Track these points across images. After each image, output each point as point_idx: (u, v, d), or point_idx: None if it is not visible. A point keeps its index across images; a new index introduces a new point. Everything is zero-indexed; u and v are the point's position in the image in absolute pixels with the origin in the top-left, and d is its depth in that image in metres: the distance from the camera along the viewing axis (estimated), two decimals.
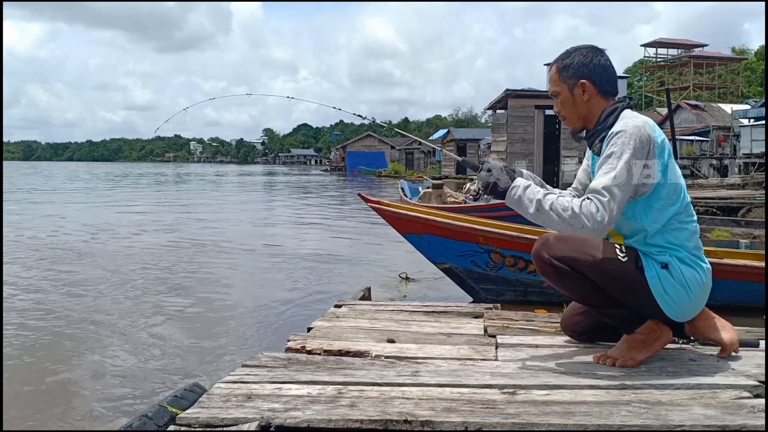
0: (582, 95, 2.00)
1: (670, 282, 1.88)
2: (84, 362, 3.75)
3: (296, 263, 7.47)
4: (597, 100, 2.00)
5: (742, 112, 29.13)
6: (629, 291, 1.91)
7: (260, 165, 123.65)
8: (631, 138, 1.84)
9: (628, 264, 1.90)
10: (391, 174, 45.24)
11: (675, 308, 1.91)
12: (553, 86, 2.06)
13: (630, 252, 1.93)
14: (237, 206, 17.87)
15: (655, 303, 1.90)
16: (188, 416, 1.55)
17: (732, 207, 11.42)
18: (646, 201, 1.90)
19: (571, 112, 2.04)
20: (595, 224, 1.79)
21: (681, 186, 1.96)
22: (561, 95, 2.04)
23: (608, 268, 1.89)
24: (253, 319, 4.83)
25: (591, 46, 2.05)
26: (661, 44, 52.12)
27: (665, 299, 1.89)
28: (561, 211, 1.82)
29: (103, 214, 14.47)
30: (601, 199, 1.80)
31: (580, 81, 1.99)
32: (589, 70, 1.99)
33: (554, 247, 1.93)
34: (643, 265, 1.90)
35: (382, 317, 2.88)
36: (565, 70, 2.01)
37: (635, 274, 1.89)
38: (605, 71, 2.00)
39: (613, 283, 1.91)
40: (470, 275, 4.54)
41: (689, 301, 1.92)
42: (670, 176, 1.92)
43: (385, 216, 4.70)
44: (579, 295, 2.03)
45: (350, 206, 17.19)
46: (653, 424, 1.49)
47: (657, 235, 1.92)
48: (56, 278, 6.35)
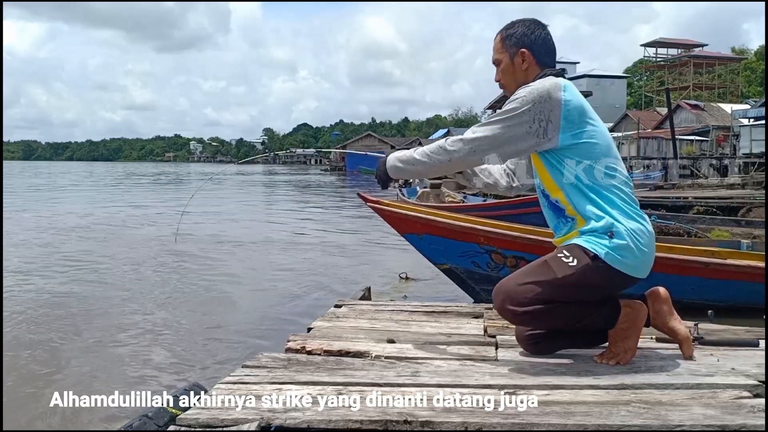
0: (521, 64, 2.08)
1: (623, 246, 1.89)
2: (83, 362, 3.75)
3: (296, 263, 7.47)
4: (534, 70, 2.07)
5: (741, 112, 29.16)
6: (598, 285, 1.93)
7: (260, 165, 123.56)
8: (530, 92, 1.92)
9: (580, 261, 1.90)
10: None
11: (637, 267, 1.93)
12: (496, 54, 2.14)
13: (575, 250, 1.92)
14: (237, 206, 17.87)
15: (623, 275, 1.90)
16: (188, 417, 1.54)
17: (732, 207, 11.43)
18: (557, 157, 1.95)
19: (510, 80, 2.12)
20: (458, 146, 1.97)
21: (599, 145, 1.95)
22: (502, 63, 2.12)
23: (568, 280, 1.88)
24: (253, 319, 4.83)
25: (534, 19, 2.14)
26: (661, 44, 52.11)
27: (627, 265, 1.90)
28: (428, 152, 2.03)
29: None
30: (468, 132, 1.99)
31: (520, 50, 2.07)
32: (530, 40, 2.08)
33: (514, 294, 1.93)
34: (595, 250, 1.89)
35: (382, 317, 2.88)
36: (508, 39, 2.10)
37: (592, 265, 1.89)
38: (545, 44, 2.09)
39: (582, 289, 1.91)
40: (471, 276, 4.53)
41: (645, 253, 1.93)
42: (583, 137, 1.93)
43: (384, 216, 4.69)
44: (564, 322, 1.98)
45: (350, 206, 17.19)
46: (653, 424, 1.49)
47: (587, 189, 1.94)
48: (60, 271, 6.35)
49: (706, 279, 4.17)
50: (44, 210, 15.14)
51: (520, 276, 1.97)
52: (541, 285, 1.90)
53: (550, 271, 1.91)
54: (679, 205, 11.81)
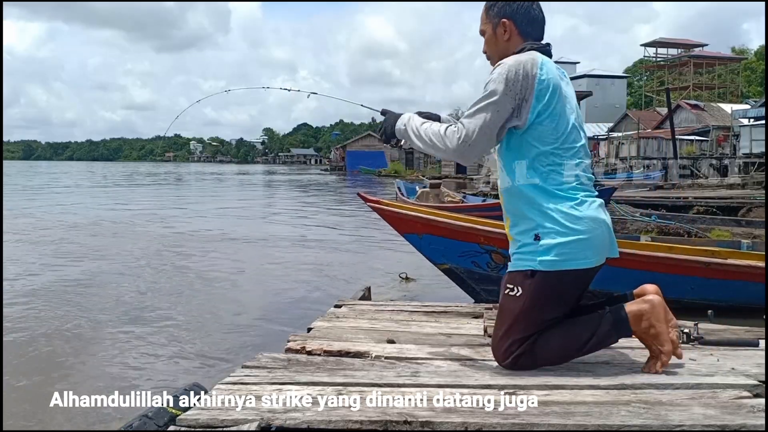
0: (503, 34, 2.03)
1: (552, 245, 1.85)
2: (83, 362, 3.75)
3: (296, 263, 7.48)
4: (516, 41, 2.02)
5: (741, 112, 29.15)
6: (556, 294, 1.89)
7: (260, 165, 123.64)
8: (508, 69, 1.87)
9: (522, 286, 1.88)
10: (391, 173, 45.21)
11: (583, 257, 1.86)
12: (481, 25, 2.10)
13: (514, 278, 1.92)
14: (238, 205, 17.87)
15: (571, 272, 1.85)
16: (188, 417, 1.54)
17: (732, 207, 11.43)
18: (521, 135, 1.91)
19: (493, 50, 2.08)
20: (455, 144, 1.92)
21: (564, 128, 1.91)
22: (486, 34, 2.08)
23: (524, 309, 1.87)
24: (253, 319, 4.83)
25: None
26: (661, 44, 52.09)
27: (568, 260, 1.85)
28: (432, 136, 1.98)
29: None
30: (463, 122, 1.93)
31: (502, 20, 2.03)
32: (512, 9, 2.02)
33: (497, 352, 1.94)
34: (527, 267, 1.88)
35: (382, 317, 2.88)
36: (491, 9, 2.06)
37: (535, 282, 1.86)
38: (528, 13, 2.03)
39: (544, 307, 1.88)
40: (471, 276, 4.53)
41: (584, 238, 1.85)
42: (550, 116, 1.89)
43: (384, 216, 4.69)
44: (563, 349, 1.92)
45: (350, 206, 17.19)
46: (653, 424, 1.49)
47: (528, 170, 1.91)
48: (59, 271, 6.35)
49: (707, 279, 4.17)
50: (43, 210, 15.14)
51: (494, 331, 1.98)
52: (509, 330, 1.90)
53: (508, 312, 1.91)
54: (679, 205, 11.81)
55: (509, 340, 1.91)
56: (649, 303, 1.90)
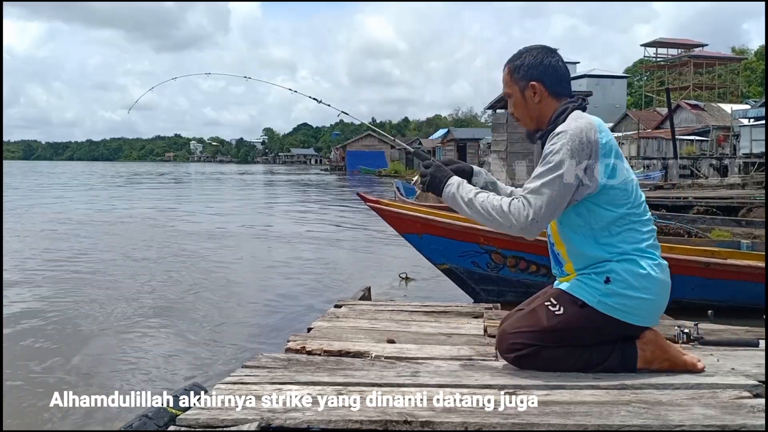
0: (533, 97, 1.98)
1: (618, 293, 1.84)
2: (83, 362, 3.75)
3: (296, 263, 7.48)
4: (548, 102, 1.97)
5: (741, 112, 29.15)
6: (591, 329, 1.88)
7: (260, 164, 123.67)
8: (570, 139, 1.81)
9: (567, 310, 1.87)
10: (392, 174, 45.21)
11: (639, 316, 1.87)
12: (506, 88, 2.05)
13: (562, 297, 1.90)
14: (238, 205, 17.87)
15: (620, 322, 1.86)
16: (188, 417, 1.54)
17: (732, 207, 11.43)
18: (593, 201, 1.86)
19: (523, 113, 2.02)
20: (521, 222, 1.82)
21: (631, 188, 1.90)
22: (513, 97, 2.02)
23: (555, 328, 1.87)
24: (253, 319, 4.83)
25: (542, 46, 2.03)
26: (661, 44, 52.09)
27: (624, 313, 1.85)
28: (491, 210, 1.87)
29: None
30: (529, 198, 1.83)
31: (530, 83, 1.97)
32: (539, 71, 1.97)
33: (502, 341, 1.95)
34: (584, 297, 1.86)
35: (382, 317, 2.88)
36: (516, 72, 2.00)
37: (581, 312, 1.86)
38: (556, 72, 1.98)
39: (572, 333, 1.88)
40: (471, 276, 4.53)
41: (648, 300, 1.86)
42: (618, 178, 1.87)
43: (384, 216, 4.69)
44: (566, 365, 1.92)
45: (350, 206, 17.19)
46: (653, 424, 1.48)
47: (604, 236, 1.88)
48: (59, 271, 6.35)
49: (706, 279, 4.17)
50: (42, 212, 15.14)
51: (512, 322, 1.97)
52: (528, 333, 1.90)
53: (537, 319, 1.90)
54: (679, 205, 11.81)
55: (521, 339, 1.90)
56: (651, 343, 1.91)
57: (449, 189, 1.96)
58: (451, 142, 45.00)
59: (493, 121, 23.43)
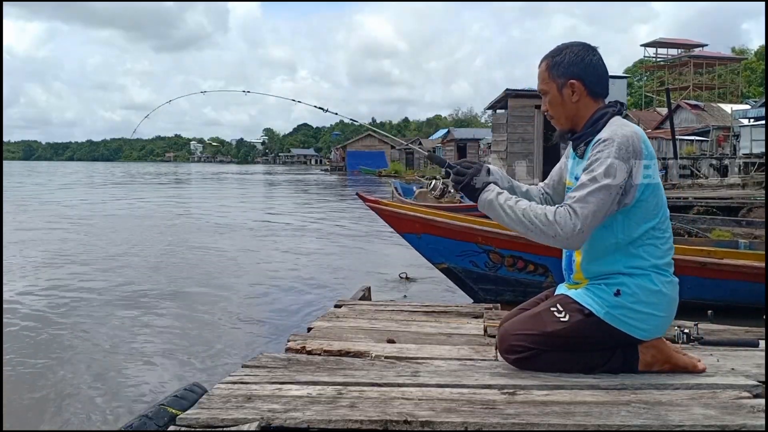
0: (571, 96, 1.92)
1: (626, 306, 1.83)
2: (83, 362, 3.75)
3: (296, 263, 7.48)
4: (586, 102, 1.92)
5: (741, 112, 29.13)
6: (594, 338, 1.87)
7: (260, 165, 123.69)
8: (618, 148, 1.77)
9: (572, 317, 1.86)
10: (392, 174, 45.18)
11: (644, 329, 1.86)
12: (542, 84, 1.97)
13: (569, 305, 1.89)
14: (238, 205, 17.87)
15: (626, 335, 1.85)
16: (188, 417, 1.55)
17: (732, 207, 11.41)
18: (624, 214, 1.83)
19: (559, 112, 1.96)
20: (568, 233, 1.76)
21: (662, 202, 1.90)
22: (549, 94, 1.96)
23: (557, 334, 1.86)
24: (253, 319, 4.83)
25: (583, 43, 1.96)
26: (661, 44, 52.12)
27: (630, 326, 1.84)
28: (533, 218, 1.80)
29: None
30: (575, 207, 1.76)
31: (569, 81, 1.91)
32: (579, 69, 1.90)
33: (504, 342, 1.95)
34: (591, 307, 1.85)
35: (382, 317, 2.89)
36: (555, 68, 1.93)
37: (587, 321, 1.85)
38: (596, 71, 1.92)
39: (575, 340, 1.87)
40: (469, 275, 4.53)
41: (655, 317, 1.85)
42: (653, 191, 1.85)
43: (383, 216, 4.70)
44: (566, 367, 1.92)
45: (350, 206, 17.19)
46: (653, 424, 1.49)
47: (626, 249, 1.85)
48: (59, 271, 6.35)
49: (704, 279, 4.17)
50: (40, 213, 15.14)
51: (515, 324, 1.96)
52: (530, 336, 1.90)
53: (541, 324, 1.90)
54: (679, 205, 11.79)
55: (523, 342, 1.90)
56: (652, 347, 1.90)
57: (487, 195, 1.89)
58: (451, 142, 44.99)
59: (493, 121, 23.39)
